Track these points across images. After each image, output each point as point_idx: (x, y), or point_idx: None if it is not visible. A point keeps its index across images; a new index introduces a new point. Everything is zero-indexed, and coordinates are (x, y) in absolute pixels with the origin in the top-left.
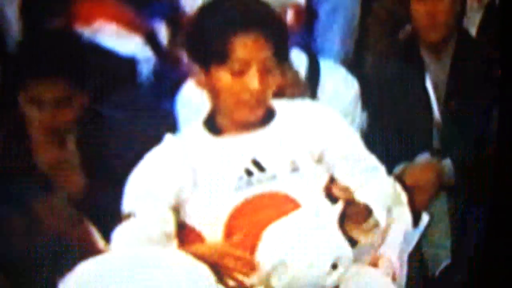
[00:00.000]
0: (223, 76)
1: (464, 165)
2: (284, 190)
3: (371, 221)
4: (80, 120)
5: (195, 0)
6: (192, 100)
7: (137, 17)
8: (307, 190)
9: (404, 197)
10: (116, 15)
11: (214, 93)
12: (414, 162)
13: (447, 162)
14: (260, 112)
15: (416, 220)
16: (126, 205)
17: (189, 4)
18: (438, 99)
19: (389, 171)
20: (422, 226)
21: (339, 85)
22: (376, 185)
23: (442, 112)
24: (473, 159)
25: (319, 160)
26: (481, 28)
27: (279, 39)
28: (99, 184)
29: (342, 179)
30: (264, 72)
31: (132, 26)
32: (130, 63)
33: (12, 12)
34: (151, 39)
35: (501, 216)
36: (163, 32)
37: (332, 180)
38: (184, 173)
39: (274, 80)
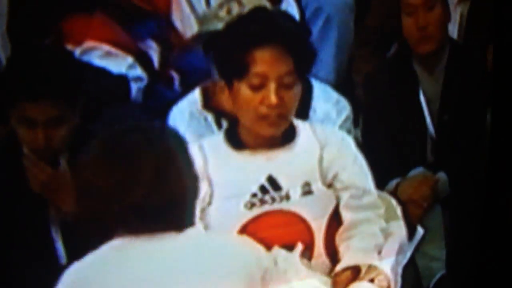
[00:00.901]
0: (244, 90)
1: (458, 177)
2: (296, 211)
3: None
4: (72, 139)
5: (187, 20)
6: (185, 117)
7: (128, 37)
8: (318, 213)
9: (399, 211)
10: (106, 35)
11: (237, 107)
12: (408, 177)
13: (441, 175)
14: (281, 128)
15: (411, 234)
16: None
17: (181, 23)
18: (431, 112)
19: (383, 185)
20: (417, 240)
21: (331, 108)
22: (369, 231)
23: (436, 126)
24: (467, 171)
25: (330, 185)
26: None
27: (299, 54)
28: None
29: (342, 211)
30: (283, 87)
31: (123, 45)
32: (122, 82)
33: (0, 32)
34: (142, 58)
35: (496, 228)
36: (154, 51)
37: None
38: (201, 184)
39: (295, 95)
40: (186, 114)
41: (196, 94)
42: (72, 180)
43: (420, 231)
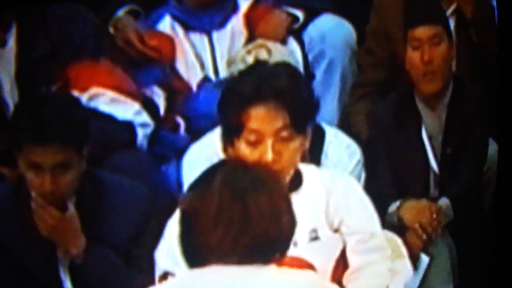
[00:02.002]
0: (242, 147)
1: (462, 203)
2: (303, 256)
3: None
4: (79, 184)
5: (192, 67)
6: (198, 162)
7: (134, 83)
8: (325, 257)
9: (404, 250)
10: (112, 81)
11: None
12: (411, 199)
13: (443, 201)
14: (285, 178)
15: (414, 263)
16: (161, 264)
17: (185, 70)
18: (433, 147)
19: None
20: (422, 269)
21: (343, 152)
22: (376, 271)
23: (439, 160)
24: (470, 202)
25: (336, 230)
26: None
27: (295, 109)
28: (100, 245)
29: (349, 255)
30: (281, 141)
31: (129, 92)
32: (128, 128)
33: (8, 78)
34: (148, 105)
35: (503, 254)
36: (160, 98)
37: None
38: None
39: (295, 148)
40: (202, 158)
41: (214, 138)
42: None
43: (424, 259)
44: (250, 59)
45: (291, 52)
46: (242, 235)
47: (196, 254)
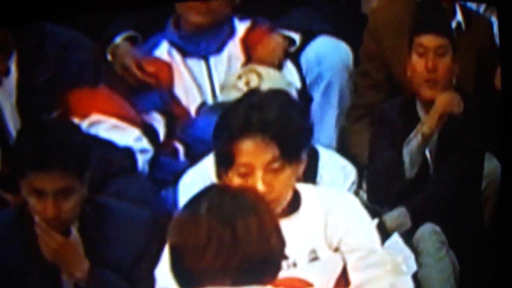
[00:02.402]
0: (235, 179)
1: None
2: (303, 277)
3: None
4: (81, 209)
5: (190, 93)
6: (193, 187)
7: (133, 110)
8: (326, 277)
9: (404, 266)
10: (111, 108)
11: None
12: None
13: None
14: (277, 209)
15: None
16: (161, 283)
17: (184, 96)
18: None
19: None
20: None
21: (338, 174)
22: (376, 287)
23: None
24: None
25: (336, 250)
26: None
27: (284, 141)
28: (102, 269)
29: (350, 272)
30: (271, 173)
31: (128, 118)
32: (128, 154)
33: (10, 105)
34: (147, 131)
35: (506, 269)
36: (159, 124)
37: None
38: None
39: (287, 178)
40: (198, 182)
41: (209, 163)
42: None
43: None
44: (241, 85)
45: (283, 77)
46: (232, 257)
47: (187, 279)
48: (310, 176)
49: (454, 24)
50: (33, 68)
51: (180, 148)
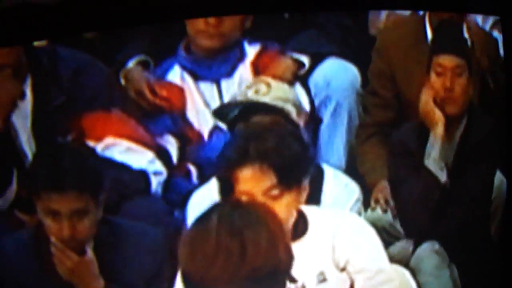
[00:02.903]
0: None
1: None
2: None
3: None
4: (96, 229)
5: (202, 116)
6: (201, 205)
7: (146, 133)
8: None
9: (412, 283)
10: (125, 131)
11: None
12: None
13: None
14: (288, 225)
15: None
16: None
17: (196, 119)
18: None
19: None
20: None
21: (341, 191)
22: None
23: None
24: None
25: (343, 269)
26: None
27: (281, 168)
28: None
29: None
30: (270, 200)
31: (142, 141)
32: (142, 176)
33: (25, 128)
34: (161, 153)
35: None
36: (172, 146)
37: None
38: None
39: (288, 204)
40: (205, 201)
41: (214, 184)
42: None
43: None
44: (250, 93)
45: (292, 90)
46: (240, 269)
47: None
48: (315, 194)
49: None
50: (48, 92)
51: (193, 170)
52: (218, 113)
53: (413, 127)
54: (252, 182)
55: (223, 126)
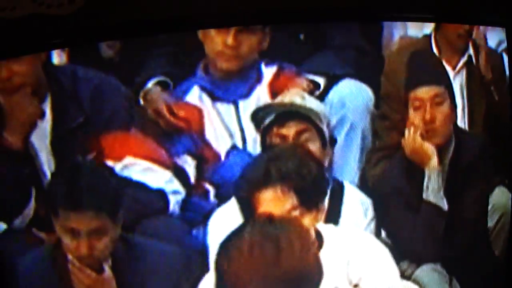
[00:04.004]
0: None
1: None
2: None
3: None
4: (114, 248)
5: (221, 136)
6: (222, 225)
7: (164, 153)
8: None
9: None
10: (144, 151)
11: None
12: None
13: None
14: None
15: None
16: None
17: (214, 139)
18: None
19: None
20: None
21: (358, 209)
22: None
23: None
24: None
25: (356, 286)
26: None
27: (301, 189)
28: None
29: None
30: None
31: (160, 161)
32: (160, 196)
33: (45, 148)
34: (179, 173)
35: None
36: (190, 166)
37: None
38: None
39: (310, 221)
40: (226, 220)
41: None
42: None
43: None
44: (286, 101)
45: (322, 105)
46: (273, 271)
47: None
48: (334, 211)
49: (465, 58)
50: (67, 112)
51: (210, 189)
52: (255, 117)
53: (398, 166)
54: (274, 203)
55: (240, 145)
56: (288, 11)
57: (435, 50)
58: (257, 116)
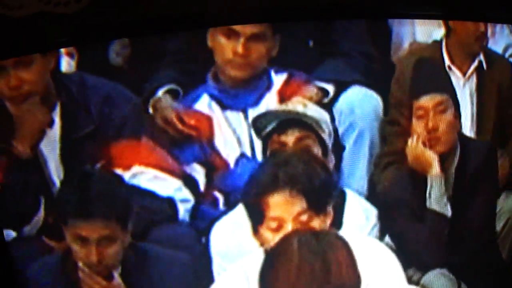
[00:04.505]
0: (266, 234)
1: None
2: None
3: None
4: (124, 255)
5: (230, 144)
6: (225, 233)
7: (174, 161)
8: None
9: None
10: (153, 160)
11: None
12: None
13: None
14: None
15: None
16: None
17: (224, 147)
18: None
19: None
20: None
21: (360, 216)
22: None
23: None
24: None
25: None
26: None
27: (310, 193)
28: None
29: None
30: (299, 225)
31: (169, 170)
32: (169, 204)
33: (54, 156)
34: (188, 181)
35: None
36: (199, 174)
37: None
38: None
39: (318, 225)
40: (229, 228)
41: (239, 211)
42: None
43: None
44: (288, 109)
45: (325, 113)
46: (324, 286)
47: None
48: (337, 217)
49: (476, 63)
50: (77, 120)
51: (220, 197)
52: (256, 124)
53: (403, 175)
54: (283, 207)
55: (249, 153)
56: (294, 8)
57: (445, 56)
58: (257, 123)
